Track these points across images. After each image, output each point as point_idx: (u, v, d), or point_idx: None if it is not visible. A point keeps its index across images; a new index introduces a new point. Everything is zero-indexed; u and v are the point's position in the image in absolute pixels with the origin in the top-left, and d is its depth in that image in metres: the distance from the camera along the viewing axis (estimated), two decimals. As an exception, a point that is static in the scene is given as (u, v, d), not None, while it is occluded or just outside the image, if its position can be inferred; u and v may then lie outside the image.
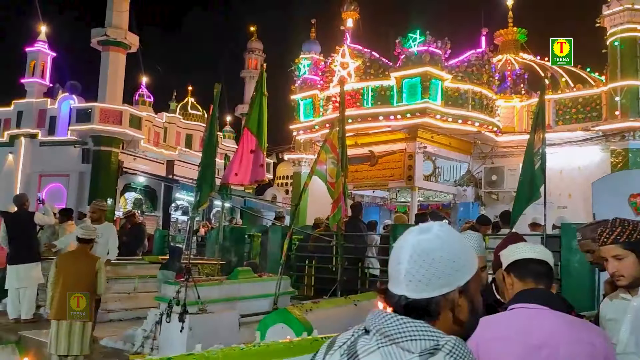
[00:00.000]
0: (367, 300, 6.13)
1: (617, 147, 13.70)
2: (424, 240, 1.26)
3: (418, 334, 1.17)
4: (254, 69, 35.84)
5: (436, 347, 1.14)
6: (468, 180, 15.46)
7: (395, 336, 1.18)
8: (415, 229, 1.32)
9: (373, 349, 1.19)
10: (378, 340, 1.20)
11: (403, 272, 1.24)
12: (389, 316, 1.21)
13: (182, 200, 24.27)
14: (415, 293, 1.23)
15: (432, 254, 1.24)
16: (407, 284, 1.23)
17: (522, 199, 6.49)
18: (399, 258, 1.27)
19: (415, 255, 1.24)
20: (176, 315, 5.76)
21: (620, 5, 13.83)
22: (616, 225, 2.44)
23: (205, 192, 6.36)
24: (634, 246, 2.37)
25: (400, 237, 1.32)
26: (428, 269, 1.23)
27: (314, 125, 15.67)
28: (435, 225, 1.31)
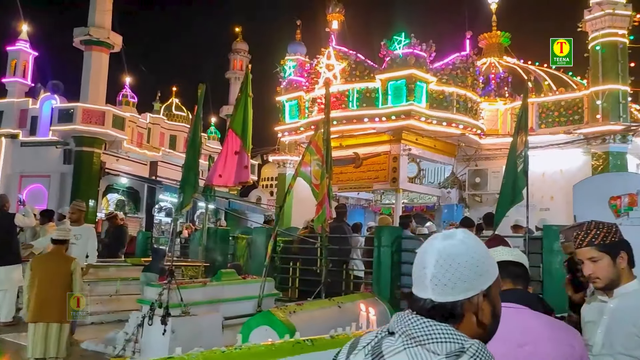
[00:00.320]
0: (351, 302, 6.12)
1: (598, 150, 13.87)
2: (449, 246, 1.29)
3: (444, 336, 1.20)
4: (239, 70, 35.70)
5: (461, 350, 1.18)
6: (452, 183, 15.56)
7: (422, 338, 1.21)
8: (439, 235, 1.35)
9: (399, 350, 1.22)
10: (404, 341, 1.22)
11: (429, 276, 1.27)
12: (415, 319, 1.24)
13: (165, 202, 24.09)
14: (441, 296, 1.26)
15: (457, 259, 1.27)
16: (433, 288, 1.27)
17: (505, 201, 6.54)
18: (424, 262, 1.30)
19: (441, 260, 1.27)
20: (158, 318, 5.72)
21: (602, 10, 14.02)
22: (591, 228, 2.47)
23: (189, 193, 6.31)
24: (608, 248, 2.40)
25: (425, 242, 1.35)
26: (454, 273, 1.26)
27: (299, 126, 15.65)
28: (460, 232, 1.34)
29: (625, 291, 2.39)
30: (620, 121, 13.72)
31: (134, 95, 26.18)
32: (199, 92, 6.75)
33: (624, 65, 14.00)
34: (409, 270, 6.81)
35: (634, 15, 14.07)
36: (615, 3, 14.05)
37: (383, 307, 6.62)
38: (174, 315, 5.77)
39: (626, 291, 2.39)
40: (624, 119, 13.82)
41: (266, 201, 27.29)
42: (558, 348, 1.90)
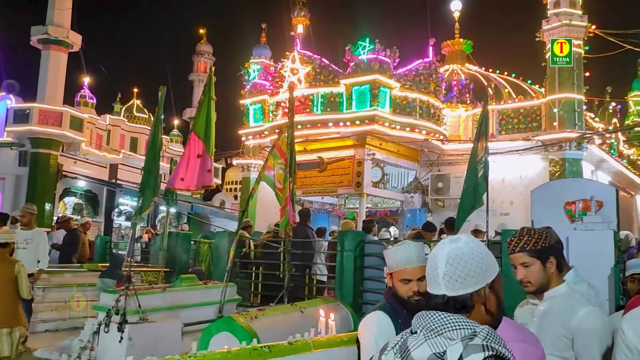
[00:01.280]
0: (314, 307, 6.07)
1: (555, 156, 14.26)
2: (456, 248, 1.53)
3: (458, 324, 1.38)
4: (203, 72, 35.31)
5: (474, 334, 1.35)
6: (415, 187, 15.73)
7: (439, 329, 1.38)
8: (446, 240, 1.59)
9: (421, 342, 1.39)
10: (425, 335, 1.40)
11: (441, 274, 1.50)
12: (432, 314, 1.43)
13: (125, 206, 23.55)
14: (453, 291, 1.49)
15: (464, 258, 1.51)
16: (445, 284, 1.49)
17: (466, 206, 6.62)
18: (436, 264, 1.53)
19: (451, 260, 1.51)
20: (115, 325, 5.56)
21: (559, 21, 14.44)
22: (523, 234, 2.55)
23: (148, 197, 6.17)
24: (539, 254, 2.48)
25: (435, 248, 1.58)
26: (463, 270, 1.49)
27: (264, 130, 15.57)
28: (463, 237, 1.59)
29: (554, 294, 2.48)
30: (575, 129, 14.15)
31: (93, 96, 25.51)
32: (159, 94, 6.62)
33: (580, 74, 14.45)
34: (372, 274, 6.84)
35: (589, 27, 14.56)
36: (571, 14, 14.51)
37: (345, 311, 6.61)
38: (131, 322, 5.62)
39: (555, 294, 2.48)
40: (579, 126, 14.25)
41: (230, 205, 27.02)
42: (527, 348, 1.95)
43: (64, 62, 21.19)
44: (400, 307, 2.68)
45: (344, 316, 6.46)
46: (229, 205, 26.86)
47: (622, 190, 18.74)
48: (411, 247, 2.71)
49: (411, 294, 2.64)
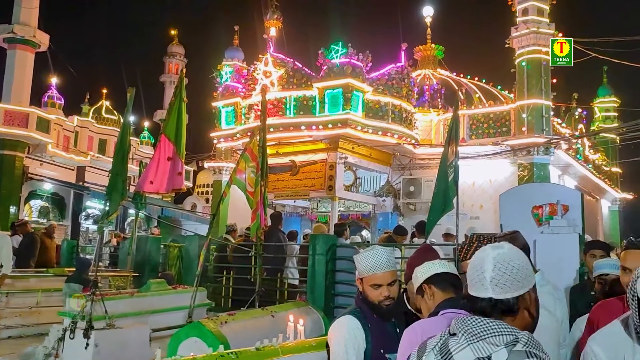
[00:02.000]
0: (285, 311, 6.04)
1: (523, 161, 14.53)
2: (502, 254, 1.59)
3: (500, 330, 1.45)
4: (175, 73, 34.91)
5: (516, 340, 1.42)
6: (387, 191, 15.81)
7: (482, 334, 1.45)
8: (490, 246, 1.65)
9: (464, 346, 1.45)
10: (467, 339, 1.46)
11: (488, 278, 1.56)
12: (474, 319, 1.50)
13: (93, 209, 23.09)
14: (501, 294, 1.54)
15: (511, 263, 1.57)
16: (493, 288, 1.55)
17: (436, 210, 6.67)
18: (482, 268, 1.59)
19: (498, 264, 1.57)
20: (81, 331, 5.43)
21: (527, 29, 14.74)
22: (473, 241, 2.57)
23: (116, 201, 6.05)
24: None
25: (479, 252, 1.65)
26: (510, 274, 1.55)
27: (236, 133, 15.46)
28: (505, 244, 1.65)
29: None
30: (543, 134, 14.44)
31: (61, 97, 24.97)
32: (128, 95, 6.51)
33: (547, 81, 14.76)
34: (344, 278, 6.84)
35: (556, 35, 14.88)
36: (539, 22, 14.83)
37: (317, 315, 6.58)
38: (97, 328, 5.49)
39: None
40: (547, 132, 14.55)
41: (202, 209, 26.75)
42: None
43: (30, 61, 20.73)
44: (370, 311, 2.68)
45: (315, 320, 6.44)
46: (200, 209, 26.60)
47: (587, 195, 19.21)
48: (381, 253, 2.71)
49: (382, 298, 2.64)
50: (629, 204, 24.60)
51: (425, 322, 2.29)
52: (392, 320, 2.75)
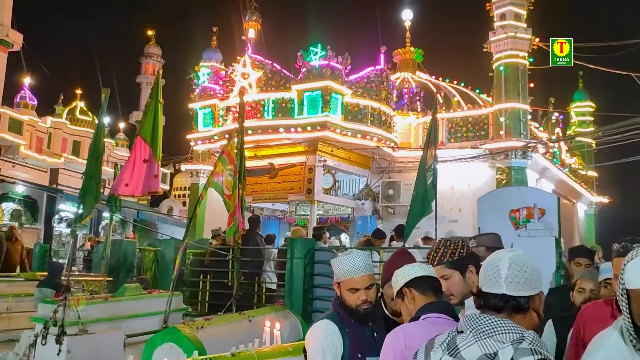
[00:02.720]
0: (262, 316, 5.97)
1: (501, 164, 14.66)
2: (517, 255, 1.74)
3: (507, 328, 1.52)
4: (151, 74, 34.57)
5: (522, 338, 1.49)
6: (366, 194, 15.80)
7: (489, 331, 1.53)
8: (505, 250, 1.82)
9: (471, 343, 1.52)
10: (475, 335, 1.53)
11: (504, 276, 1.69)
12: (482, 317, 1.58)
13: (67, 212, 22.65)
14: (514, 291, 1.66)
15: (526, 264, 1.71)
16: (507, 285, 1.67)
17: (415, 213, 6.68)
18: (498, 267, 1.71)
19: (514, 264, 1.70)
20: (53, 337, 5.33)
21: (505, 33, 14.91)
22: (440, 246, 2.56)
23: (89, 204, 5.91)
24: (457, 264, 2.49)
25: (495, 254, 1.79)
26: (524, 275, 1.69)
27: (213, 135, 15.31)
28: (519, 249, 1.81)
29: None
30: (521, 138, 14.60)
31: (34, 98, 24.48)
32: (103, 96, 6.38)
33: (524, 85, 14.94)
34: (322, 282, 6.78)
35: (533, 39, 15.09)
36: (516, 27, 15.01)
37: (295, 320, 6.52)
38: (70, 334, 5.41)
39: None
40: (524, 135, 14.72)
41: (178, 212, 26.42)
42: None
43: (3, 61, 20.34)
44: (347, 316, 2.65)
45: (293, 324, 6.38)
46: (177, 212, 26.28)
47: (563, 198, 19.48)
48: (358, 257, 2.68)
49: (359, 302, 2.62)
50: (604, 208, 25.02)
51: (407, 327, 2.27)
52: (370, 325, 2.72)
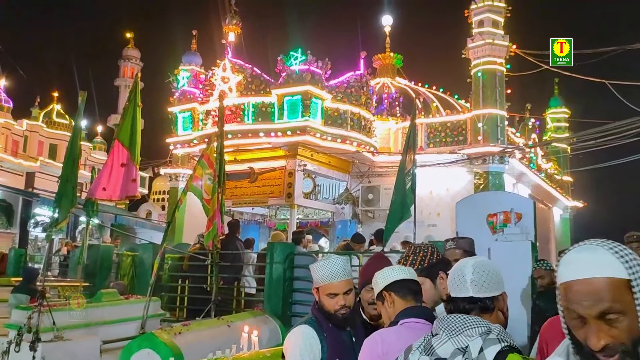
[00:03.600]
0: (241, 321, 5.94)
1: (479, 169, 14.83)
2: (480, 261, 1.89)
3: (475, 324, 1.63)
4: (130, 77, 34.23)
5: (489, 331, 1.60)
6: (346, 199, 15.85)
7: (460, 328, 1.63)
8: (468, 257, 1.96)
9: (445, 341, 1.62)
10: (448, 334, 1.63)
11: (469, 280, 1.82)
12: (452, 317, 1.69)
13: (43, 216, 22.29)
14: (480, 293, 1.81)
15: (488, 268, 1.85)
16: (472, 288, 1.81)
17: (394, 218, 6.72)
18: (463, 272, 1.85)
19: (477, 269, 1.84)
20: (27, 344, 5.21)
21: (482, 40, 15.11)
22: (409, 254, 2.57)
23: (65, 208, 5.83)
24: (427, 272, 2.50)
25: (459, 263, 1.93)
26: (487, 277, 1.83)
27: (192, 139, 15.22)
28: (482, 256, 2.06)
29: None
30: (498, 143, 14.79)
31: (9, 100, 24.08)
32: (80, 99, 6.30)
33: (502, 91, 15.15)
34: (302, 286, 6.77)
35: (510, 46, 15.31)
36: (494, 34, 15.22)
37: (274, 324, 6.51)
38: (44, 341, 5.29)
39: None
40: (502, 141, 14.91)
41: (157, 216, 26.19)
42: None
43: (-23, 62, 19.92)
44: (326, 321, 2.66)
45: (272, 329, 6.36)
46: (155, 216, 26.05)
47: (540, 203, 19.76)
48: (337, 262, 2.69)
49: (338, 307, 2.62)
50: (579, 212, 25.44)
51: (385, 332, 2.28)
52: (348, 329, 2.72)
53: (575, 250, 1.28)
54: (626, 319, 1.21)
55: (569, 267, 1.27)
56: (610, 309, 1.20)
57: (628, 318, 1.21)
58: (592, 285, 1.22)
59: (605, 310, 1.21)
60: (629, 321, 1.21)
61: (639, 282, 1.21)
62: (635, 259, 1.23)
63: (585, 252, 1.26)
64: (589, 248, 1.26)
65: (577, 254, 1.27)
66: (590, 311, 1.22)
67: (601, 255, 1.23)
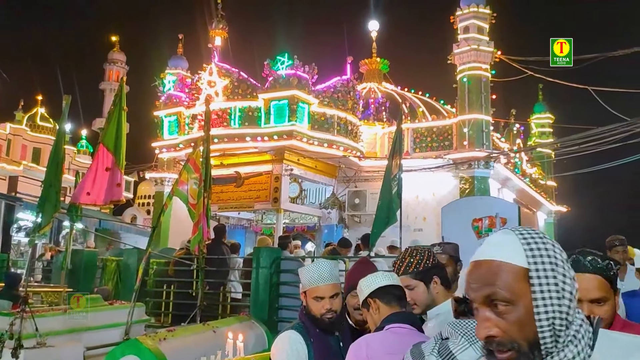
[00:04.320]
0: (227, 326, 5.91)
1: (465, 174, 14.93)
2: None
3: None
4: (115, 81, 33.96)
5: None
6: (333, 203, 15.86)
7: None
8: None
9: (466, 347, 1.44)
10: (468, 340, 1.45)
11: None
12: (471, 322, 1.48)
13: (26, 221, 21.99)
14: None
15: None
16: None
17: (381, 223, 6.73)
18: None
19: None
20: (9, 351, 5.14)
21: (468, 46, 15.25)
22: (406, 256, 2.57)
23: (48, 213, 5.76)
24: (422, 275, 2.49)
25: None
26: None
27: (178, 143, 15.15)
28: None
29: (439, 312, 2.47)
30: (483, 148, 14.91)
31: (-8, 103, 23.84)
32: (64, 103, 6.24)
33: (487, 97, 15.30)
34: (288, 291, 6.76)
35: (495, 52, 15.47)
36: (479, 40, 15.37)
37: (260, 330, 6.48)
38: (27, 347, 5.23)
39: (440, 312, 2.47)
40: (487, 146, 15.04)
41: (142, 221, 25.95)
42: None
43: (-41, 65, 19.68)
44: (313, 325, 2.65)
45: (258, 335, 6.33)
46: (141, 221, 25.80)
47: (524, 207, 19.91)
48: (324, 265, 2.69)
49: (324, 311, 2.61)
50: (563, 217, 25.72)
51: (370, 337, 2.29)
52: (336, 335, 2.72)
53: (493, 234, 1.19)
54: (516, 310, 1.08)
55: (477, 250, 1.17)
56: (495, 294, 1.09)
57: (518, 310, 1.08)
58: (482, 267, 1.13)
59: (489, 295, 1.10)
60: (520, 314, 1.08)
61: (540, 274, 1.08)
62: (546, 250, 1.10)
63: (497, 236, 1.16)
64: (505, 232, 1.15)
65: (490, 237, 1.17)
66: (476, 294, 1.12)
67: (507, 239, 1.12)
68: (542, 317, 1.07)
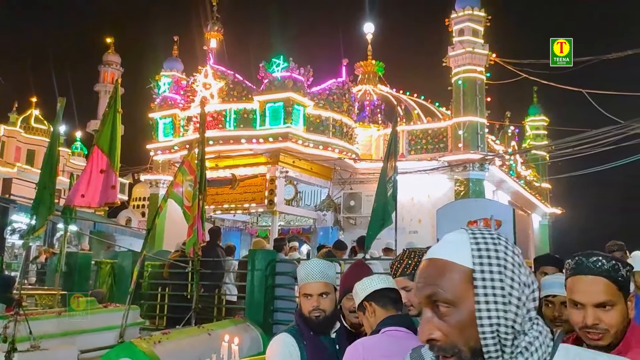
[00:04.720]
0: (222, 329, 5.91)
1: (460, 176, 14.96)
2: None
3: None
4: (110, 83, 33.86)
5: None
6: (328, 205, 15.86)
7: None
8: None
9: None
10: None
11: None
12: None
13: (20, 223, 21.89)
14: None
15: None
16: None
17: (376, 225, 6.74)
18: None
19: None
20: (2, 354, 5.13)
21: (463, 49, 15.30)
22: (404, 257, 2.56)
23: (43, 215, 5.74)
24: None
25: None
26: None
27: (173, 145, 15.13)
28: None
29: None
30: (478, 150, 14.95)
31: (-14, 105, 23.75)
32: (58, 105, 6.23)
33: (482, 99, 15.35)
34: (283, 293, 6.76)
35: (490, 55, 15.53)
36: (474, 43, 15.42)
37: (255, 332, 6.48)
38: (20, 350, 5.22)
39: None
40: (482, 148, 15.08)
41: (137, 223, 25.88)
42: None
43: (-47, 66, 19.60)
44: (306, 327, 2.64)
45: (253, 337, 6.33)
46: (135, 223, 25.74)
47: (519, 209, 19.98)
48: (315, 263, 2.70)
49: (311, 309, 2.59)
50: (557, 219, 25.80)
51: (366, 340, 2.28)
52: (332, 337, 2.71)
53: (449, 233, 1.12)
54: (458, 313, 1.02)
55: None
56: (437, 294, 1.03)
57: (460, 313, 1.02)
58: (429, 266, 1.07)
59: (430, 295, 1.04)
60: (462, 317, 1.02)
61: (485, 277, 1.01)
62: (496, 252, 1.03)
63: (451, 235, 1.10)
64: (459, 231, 1.10)
65: (445, 236, 1.11)
66: (420, 293, 1.07)
67: (459, 239, 1.07)
68: (484, 322, 1.01)
